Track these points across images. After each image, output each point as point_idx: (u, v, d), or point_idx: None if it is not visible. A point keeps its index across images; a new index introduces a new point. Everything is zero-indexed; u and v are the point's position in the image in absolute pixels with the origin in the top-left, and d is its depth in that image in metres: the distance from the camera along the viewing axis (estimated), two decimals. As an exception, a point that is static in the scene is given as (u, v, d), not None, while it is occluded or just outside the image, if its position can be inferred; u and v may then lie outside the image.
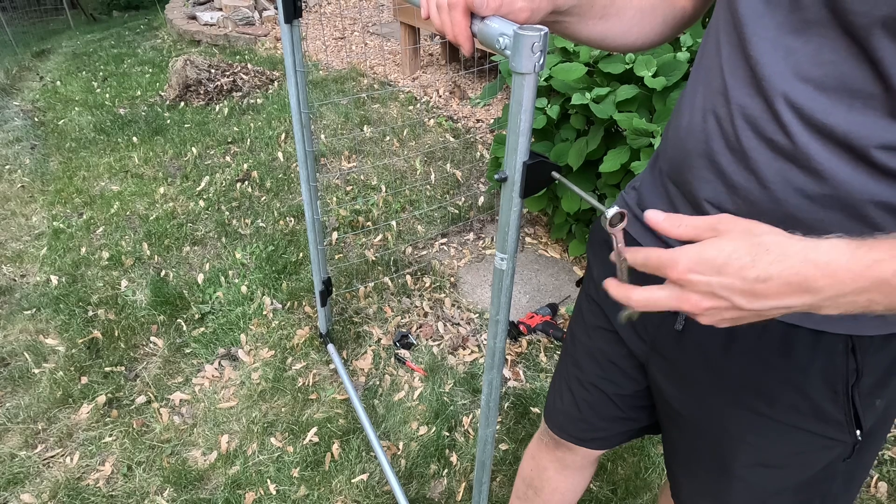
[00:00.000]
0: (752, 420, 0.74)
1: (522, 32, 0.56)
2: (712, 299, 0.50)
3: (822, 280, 0.46)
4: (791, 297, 0.48)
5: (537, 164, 0.66)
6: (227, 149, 3.59)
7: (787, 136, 0.59)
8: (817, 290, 0.47)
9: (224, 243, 2.75)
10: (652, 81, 1.94)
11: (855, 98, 0.55)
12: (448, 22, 0.65)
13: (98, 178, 3.34)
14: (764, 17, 0.59)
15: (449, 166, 3.31)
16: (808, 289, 0.47)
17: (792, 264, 0.47)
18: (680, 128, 0.72)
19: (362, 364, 2.12)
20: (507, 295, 0.80)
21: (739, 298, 0.49)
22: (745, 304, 0.49)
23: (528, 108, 0.61)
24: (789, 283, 0.47)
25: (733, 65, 0.63)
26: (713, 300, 0.50)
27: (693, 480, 0.88)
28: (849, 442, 0.71)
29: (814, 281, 0.47)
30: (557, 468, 1.16)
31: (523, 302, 2.41)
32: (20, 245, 2.81)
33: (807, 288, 0.47)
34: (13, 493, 1.72)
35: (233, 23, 5.76)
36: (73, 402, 1.99)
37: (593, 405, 0.99)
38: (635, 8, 0.77)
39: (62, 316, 2.33)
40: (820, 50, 0.56)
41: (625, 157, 2.01)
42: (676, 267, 0.50)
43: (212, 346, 2.20)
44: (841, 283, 0.46)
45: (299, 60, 1.47)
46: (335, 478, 1.75)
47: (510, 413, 1.95)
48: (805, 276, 0.47)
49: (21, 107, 4.46)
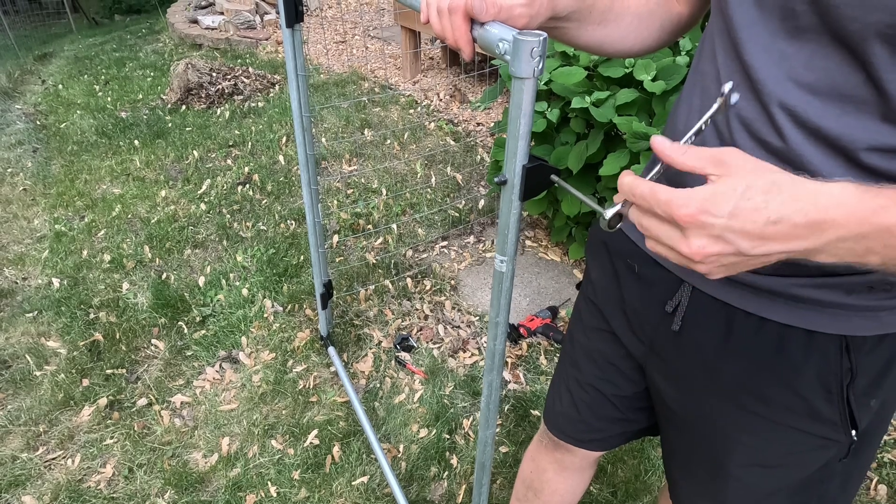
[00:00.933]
0: (748, 420, 0.75)
1: (522, 38, 0.57)
2: (718, 243, 0.47)
3: (828, 222, 0.46)
4: (796, 240, 0.47)
5: (537, 168, 0.67)
6: (229, 152, 3.60)
7: (780, 138, 0.60)
8: (821, 232, 0.46)
9: (225, 246, 2.76)
10: (651, 85, 1.95)
11: (847, 102, 0.56)
12: (448, 27, 0.66)
13: (100, 181, 3.35)
14: (757, 23, 0.60)
15: (449, 169, 3.32)
16: (814, 231, 0.46)
17: (802, 206, 0.46)
18: (676, 130, 0.73)
19: (363, 367, 2.13)
20: (507, 297, 0.80)
21: (746, 243, 0.47)
22: (751, 248, 0.47)
23: (528, 112, 0.62)
24: (797, 225, 0.46)
25: (729, 69, 0.64)
26: (719, 245, 0.47)
27: (690, 481, 0.89)
28: (844, 442, 0.72)
29: (821, 223, 0.46)
30: (557, 470, 1.16)
31: (523, 305, 2.42)
32: (22, 248, 2.82)
33: (812, 230, 0.46)
34: (14, 495, 1.72)
35: (234, 26, 5.79)
36: (75, 404, 1.99)
37: (592, 406, 1.00)
38: (633, 14, 0.78)
39: (64, 318, 2.33)
40: (813, 56, 0.57)
41: (625, 161, 2.02)
42: (688, 206, 0.47)
43: (213, 349, 2.20)
44: (845, 225, 0.46)
45: (301, 64, 1.48)
46: (336, 480, 1.75)
47: (510, 416, 1.96)
48: (814, 218, 0.46)
49: (23, 110, 4.48)
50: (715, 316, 0.73)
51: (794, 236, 0.46)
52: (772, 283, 0.67)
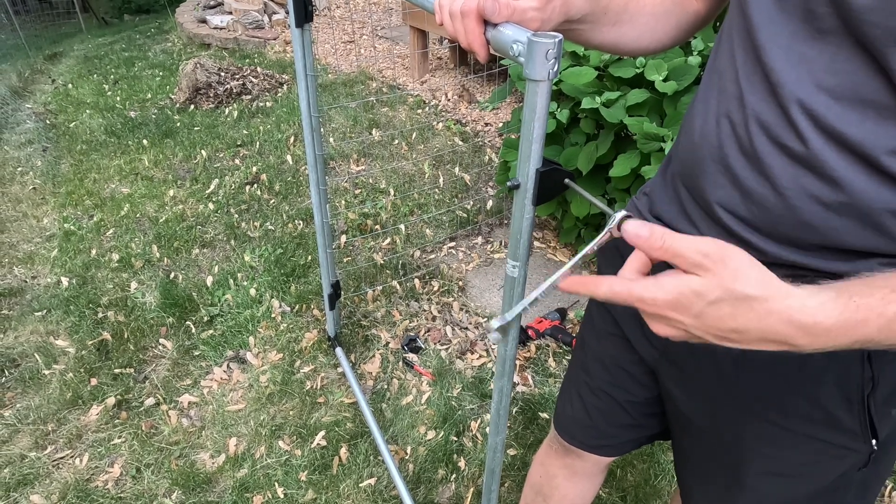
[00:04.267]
0: (765, 429, 0.73)
1: (536, 39, 0.56)
2: (683, 334, 0.51)
3: (802, 339, 0.47)
4: (765, 345, 0.49)
5: (550, 172, 0.65)
6: (237, 152, 3.60)
7: (801, 142, 0.58)
8: (795, 345, 0.48)
9: (233, 246, 2.76)
10: (663, 86, 1.93)
11: (868, 107, 0.54)
12: (461, 30, 0.65)
13: (108, 180, 3.36)
14: (777, 24, 0.59)
15: (457, 170, 3.31)
16: (785, 343, 0.48)
17: (772, 323, 0.47)
18: (693, 132, 0.71)
19: (370, 368, 2.12)
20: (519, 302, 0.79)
21: (711, 338, 0.50)
22: (716, 342, 0.50)
23: (542, 115, 0.61)
24: (765, 338, 0.48)
25: (748, 70, 0.62)
26: (683, 335, 0.51)
27: (704, 489, 0.87)
28: (864, 451, 0.70)
29: (793, 339, 0.47)
30: (567, 475, 1.15)
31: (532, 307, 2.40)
32: (31, 247, 2.83)
33: (783, 342, 0.48)
34: (23, 493, 1.73)
35: (242, 26, 5.80)
36: (83, 403, 2.00)
37: (603, 411, 0.98)
38: (648, 14, 0.76)
39: (72, 317, 2.34)
40: (834, 59, 0.55)
41: (635, 162, 2.00)
42: (654, 304, 0.50)
43: (220, 349, 2.20)
44: (822, 341, 0.47)
45: (310, 64, 1.47)
46: (343, 482, 1.75)
47: (518, 418, 1.95)
48: (785, 334, 0.47)
49: (33, 109, 4.50)
50: None
51: (761, 343, 0.49)
52: (790, 290, 0.65)
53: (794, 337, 0.47)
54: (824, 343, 0.47)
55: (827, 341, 0.47)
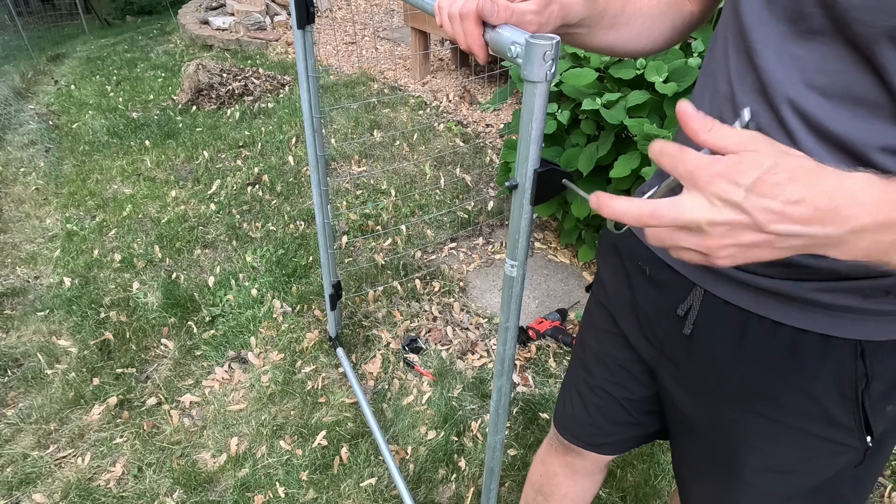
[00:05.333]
0: (762, 425, 0.74)
1: (534, 41, 0.57)
2: (737, 213, 0.45)
3: (851, 209, 0.45)
4: (817, 224, 0.45)
5: (548, 172, 0.66)
6: (238, 152, 3.61)
7: (792, 141, 0.59)
8: (844, 219, 0.45)
9: (235, 246, 2.77)
10: (663, 87, 1.94)
11: (859, 105, 0.55)
12: (461, 31, 0.65)
13: (111, 181, 3.37)
14: (768, 25, 0.60)
15: (458, 171, 3.31)
16: (836, 217, 0.45)
17: (826, 189, 0.45)
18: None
19: (371, 368, 2.13)
20: (518, 302, 0.80)
21: (764, 216, 0.45)
22: (768, 223, 0.45)
23: (540, 116, 0.61)
24: (819, 209, 0.45)
25: (740, 71, 0.63)
26: (738, 214, 0.45)
27: (702, 485, 0.88)
28: (859, 448, 0.71)
29: (844, 209, 0.45)
30: (567, 474, 1.15)
31: (532, 307, 2.41)
32: (34, 247, 2.84)
33: (835, 216, 0.45)
34: (25, 492, 1.74)
35: (244, 27, 5.81)
36: (85, 403, 2.01)
37: (603, 409, 0.99)
38: (644, 16, 0.77)
39: (75, 317, 2.35)
40: (825, 59, 0.56)
41: (635, 163, 2.01)
42: (709, 168, 0.45)
43: (222, 349, 2.21)
44: (868, 214, 0.45)
45: (312, 66, 1.48)
46: (343, 481, 1.75)
47: (519, 419, 1.95)
48: (836, 203, 0.45)
49: (36, 110, 4.52)
50: (727, 320, 0.73)
51: (814, 220, 0.45)
52: (786, 287, 0.66)
53: (845, 206, 0.44)
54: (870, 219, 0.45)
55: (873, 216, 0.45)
